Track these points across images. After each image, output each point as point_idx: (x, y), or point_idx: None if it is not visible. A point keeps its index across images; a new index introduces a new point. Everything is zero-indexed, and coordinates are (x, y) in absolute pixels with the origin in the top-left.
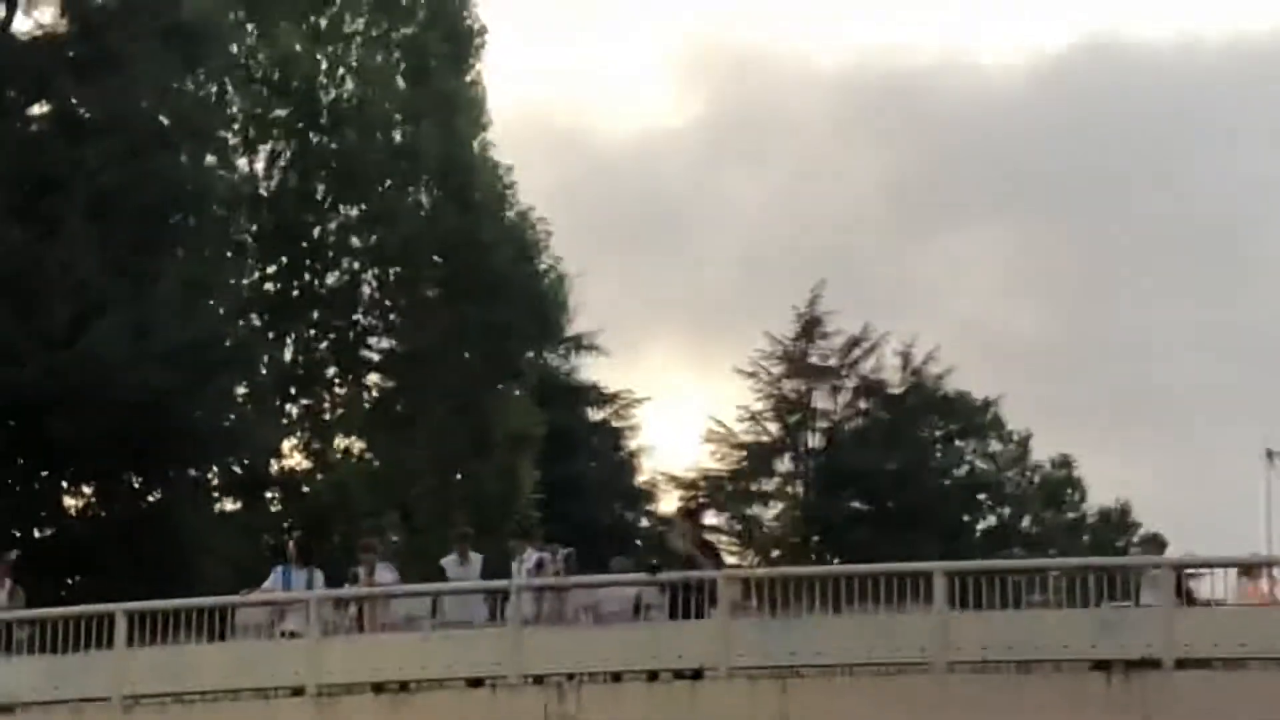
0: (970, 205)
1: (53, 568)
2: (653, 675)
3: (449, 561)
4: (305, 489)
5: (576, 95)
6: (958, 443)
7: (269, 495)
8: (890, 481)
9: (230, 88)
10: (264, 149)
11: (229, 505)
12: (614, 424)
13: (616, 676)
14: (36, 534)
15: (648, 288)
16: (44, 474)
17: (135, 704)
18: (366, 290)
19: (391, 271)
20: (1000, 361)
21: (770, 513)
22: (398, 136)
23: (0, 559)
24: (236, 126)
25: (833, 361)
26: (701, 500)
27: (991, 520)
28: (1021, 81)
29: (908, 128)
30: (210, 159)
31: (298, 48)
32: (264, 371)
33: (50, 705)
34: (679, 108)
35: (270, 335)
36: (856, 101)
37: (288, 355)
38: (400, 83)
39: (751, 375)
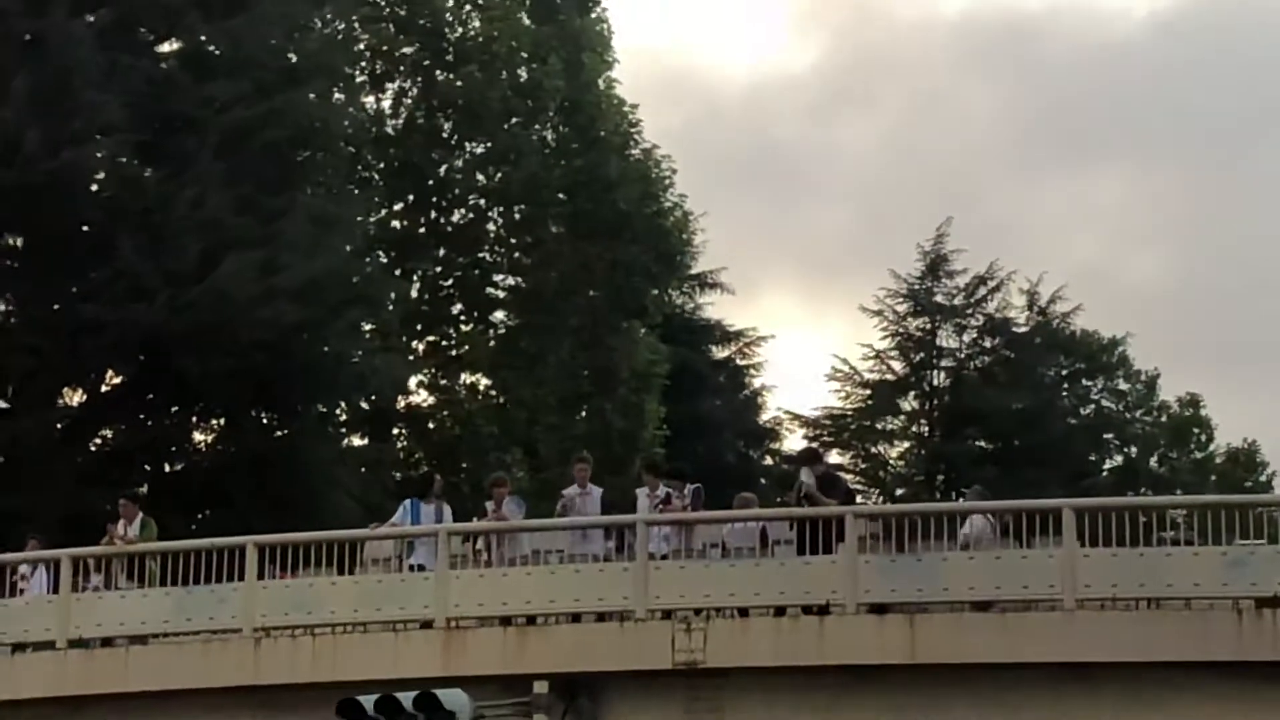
0: (1088, 148)
1: (182, 502)
2: (779, 611)
3: (569, 491)
4: (431, 425)
5: (694, 38)
6: (1084, 382)
7: (395, 431)
8: (1015, 421)
9: (357, 25)
10: (390, 86)
11: (356, 441)
12: (738, 362)
13: (743, 612)
14: (166, 469)
15: (764, 229)
16: (173, 410)
17: (265, 635)
18: (491, 228)
19: (516, 209)
20: (1123, 303)
21: (895, 451)
22: (523, 74)
23: (129, 494)
24: (364, 64)
25: (958, 300)
26: (824, 440)
27: (1118, 460)
28: (1140, 25)
29: (1024, 71)
30: (337, 96)
31: None
32: (390, 308)
33: (182, 636)
34: (796, 50)
35: (396, 272)
36: (972, 45)
37: (414, 292)
38: (525, 20)
39: (877, 314)
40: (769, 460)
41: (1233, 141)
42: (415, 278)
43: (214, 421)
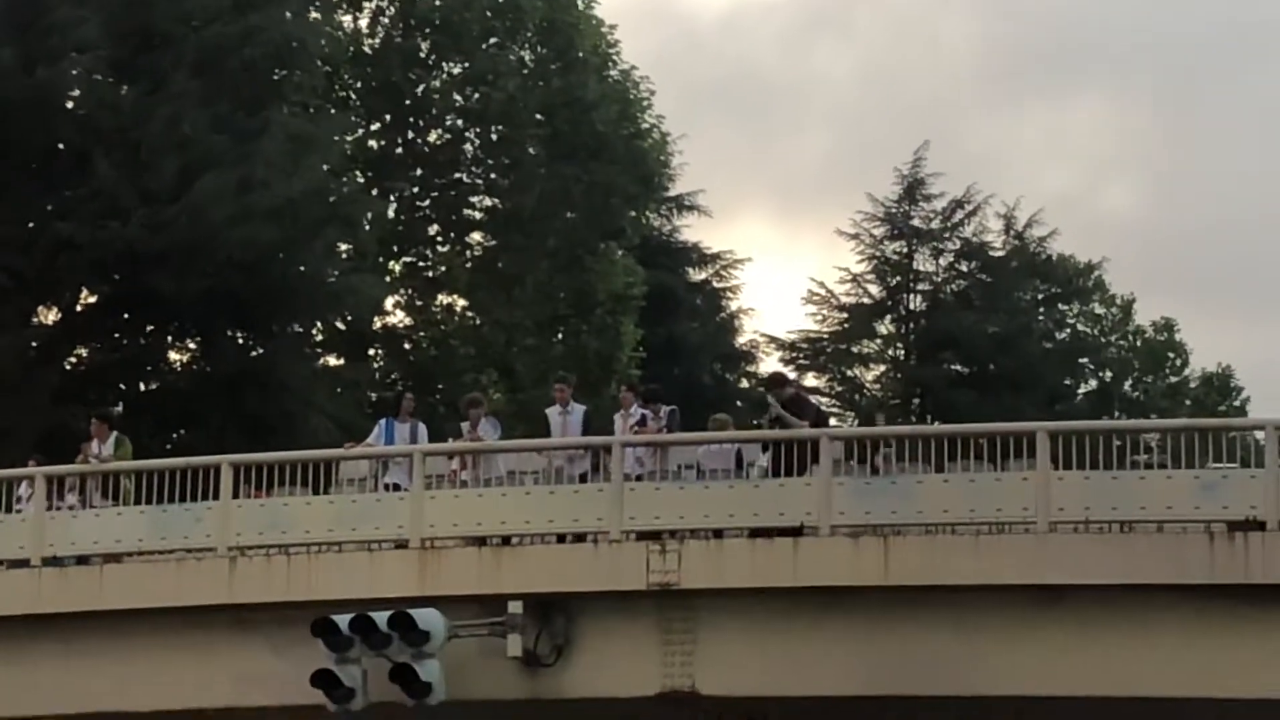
0: (1065, 77)
1: (158, 421)
2: (755, 532)
3: (551, 411)
4: (407, 346)
5: None
6: (1060, 306)
7: (372, 352)
8: (991, 344)
9: None
10: (368, 5)
11: (332, 361)
12: (715, 285)
13: (718, 533)
14: (142, 387)
15: (741, 155)
16: (149, 328)
17: (240, 554)
18: (469, 148)
19: (494, 130)
20: (1098, 229)
21: (871, 375)
22: None
23: (100, 412)
24: None
25: (935, 224)
26: (800, 363)
27: (1093, 384)
28: None
29: None
30: (314, 15)
31: None
32: (367, 228)
33: (156, 555)
34: None
35: (373, 192)
36: None
37: (390, 213)
38: None
39: (853, 237)
40: (745, 383)
41: (1208, 70)
42: (392, 198)
43: (189, 341)
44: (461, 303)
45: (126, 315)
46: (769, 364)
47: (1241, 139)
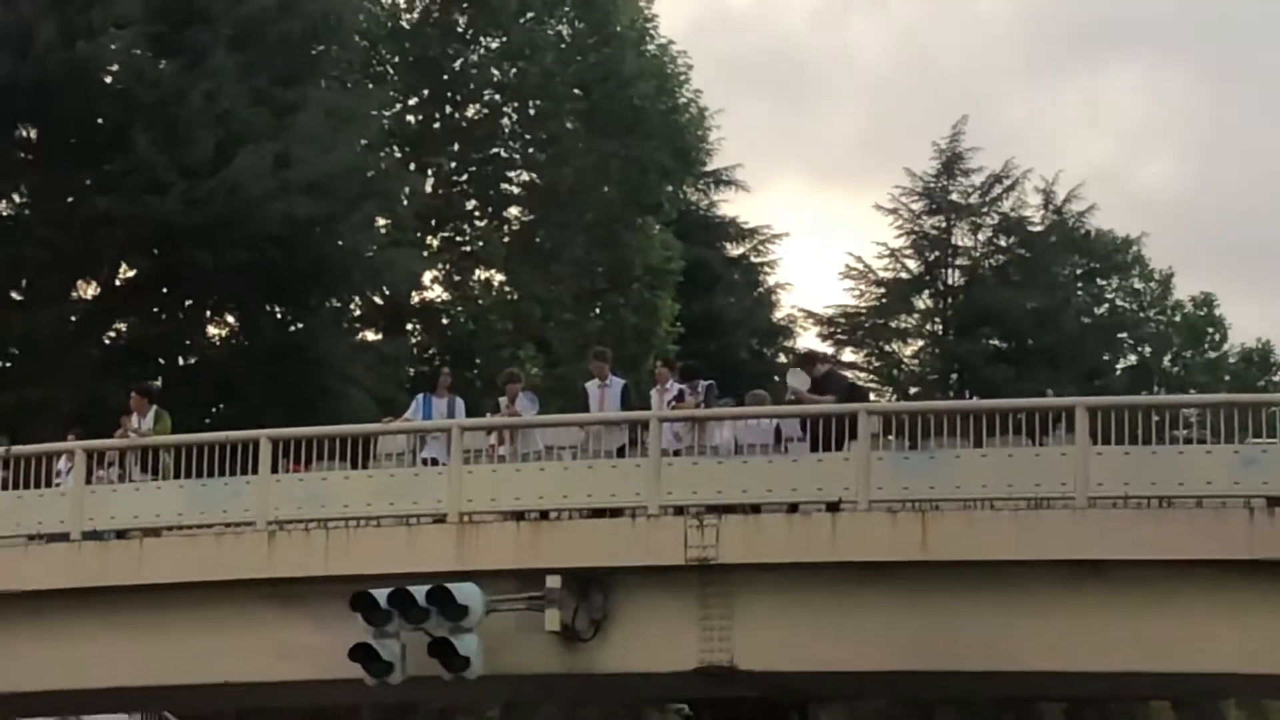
0: (1102, 49)
1: (196, 396)
2: (792, 507)
3: (590, 385)
4: (445, 321)
5: None
6: (1098, 281)
7: (409, 327)
8: (1030, 320)
9: None
10: None
11: (370, 336)
12: (752, 260)
13: (755, 508)
14: (180, 362)
15: (776, 130)
16: (187, 303)
17: (279, 529)
18: (506, 123)
19: (531, 104)
20: (1137, 203)
21: (908, 350)
22: None
23: (139, 386)
24: None
25: (973, 199)
26: (838, 338)
27: (1131, 359)
28: None
29: None
30: None
31: None
32: (405, 203)
33: (195, 529)
34: None
35: (411, 167)
36: None
37: (428, 187)
38: None
39: (892, 212)
40: (783, 358)
41: (1246, 41)
42: (429, 173)
43: (228, 316)
44: (499, 277)
45: (165, 290)
46: (806, 339)
47: (1278, 109)
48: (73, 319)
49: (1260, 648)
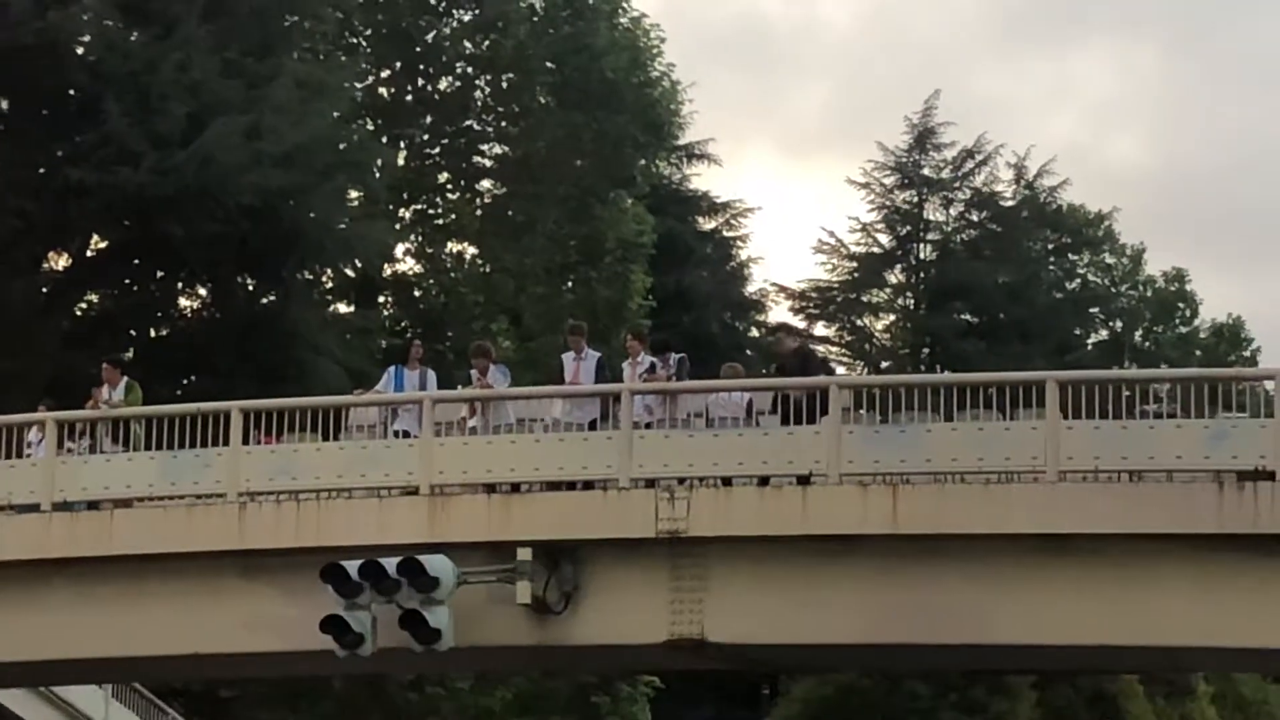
0: (1072, 25)
1: (168, 367)
2: (763, 480)
3: (566, 356)
4: (417, 293)
5: None
6: (1070, 256)
7: (381, 299)
8: (1001, 294)
9: None
10: None
11: (342, 308)
12: (724, 234)
13: (727, 481)
14: (152, 333)
15: (748, 104)
16: (159, 274)
17: (250, 500)
18: (479, 96)
19: (504, 77)
20: (1109, 178)
21: (880, 324)
22: None
23: (111, 358)
24: None
25: (945, 173)
26: (810, 312)
27: (1103, 334)
28: None
29: None
30: None
31: None
32: (377, 175)
33: (166, 500)
34: None
35: (383, 140)
36: None
37: (400, 160)
38: None
39: (864, 186)
40: (755, 332)
41: (1216, 17)
42: (402, 145)
43: (200, 287)
44: (471, 250)
45: (137, 261)
46: (778, 313)
47: (1250, 85)
48: (44, 290)
49: (1230, 622)
